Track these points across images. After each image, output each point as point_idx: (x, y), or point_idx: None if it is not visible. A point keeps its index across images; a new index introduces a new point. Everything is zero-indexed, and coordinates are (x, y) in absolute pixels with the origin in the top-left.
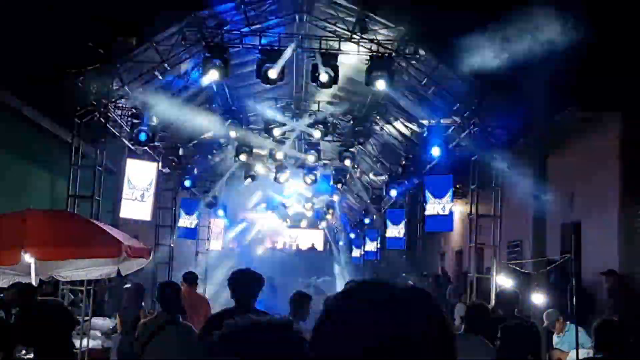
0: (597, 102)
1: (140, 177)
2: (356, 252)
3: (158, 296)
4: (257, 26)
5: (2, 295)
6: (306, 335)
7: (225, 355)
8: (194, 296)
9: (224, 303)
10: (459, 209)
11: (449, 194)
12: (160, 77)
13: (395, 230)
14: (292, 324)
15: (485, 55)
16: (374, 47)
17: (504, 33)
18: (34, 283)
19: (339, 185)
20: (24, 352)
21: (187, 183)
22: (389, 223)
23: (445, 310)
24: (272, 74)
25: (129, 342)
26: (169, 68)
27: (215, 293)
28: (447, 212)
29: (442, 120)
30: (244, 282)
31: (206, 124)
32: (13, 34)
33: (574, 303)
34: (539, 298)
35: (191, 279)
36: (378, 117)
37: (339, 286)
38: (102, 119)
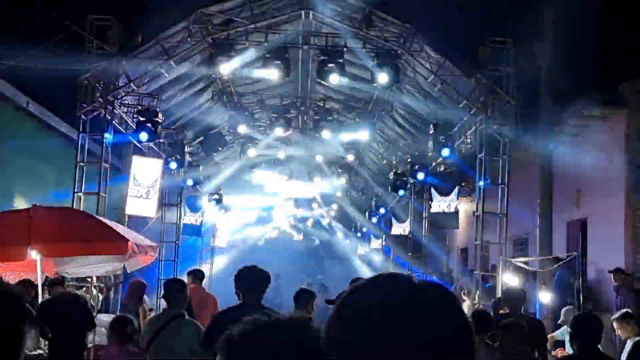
0: (604, 98)
1: (145, 174)
2: (361, 250)
3: (164, 293)
4: (263, 23)
5: None
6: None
7: (244, 354)
8: (201, 293)
9: (229, 300)
10: (464, 207)
11: (455, 191)
12: (166, 74)
13: (401, 228)
14: (311, 322)
15: (491, 51)
16: (380, 44)
17: (511, 28)
18: (39, 279)
19: (344, 182)
20: (29, 348)
21: (192, 180)
22: (394, 220)
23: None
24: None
25: None
26: (174, 65)
27: (221, 290)
28: (452, 209)
29: (448, 118)
30: (251, 279)
31: (212, 120)
32: (18, 30)
33: (581, 301)
34: (545, 296)
35: (198, 275)
36: (384, 114)
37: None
38: (107, 116)
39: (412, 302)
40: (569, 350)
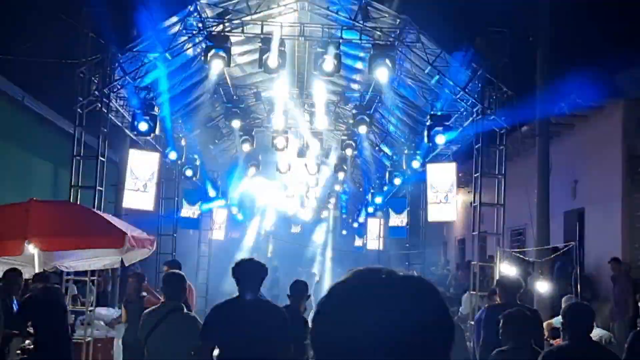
0: (601, 89)
1: (142, 168)
2: (359, 242)
3: (162, 285)
4: (259, 15)
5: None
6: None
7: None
8: None
9: (227, 292)
10: (461, 198)
11: (452, 182)
12: (162, 67)
13: (398, 219)
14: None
15: (487, 43)
16: (376, 35)
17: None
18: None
19: (341, 174)
20: (28, 341)
21: (190, 173)
22: (391, 212)
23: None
24: (272, 62)
25: (134, 332)
26: (170, 58)
27: (218, 283)
28: (450, 200)
29: (445, 108)
30: (248, 271)
31: (208, 113)
32: (15, 24)
33: (578, 290)
34: (542, 286)
35: (174, 265)
36: (380, 105)
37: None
38: (104, 109)
39: (391, 296)
40: None
